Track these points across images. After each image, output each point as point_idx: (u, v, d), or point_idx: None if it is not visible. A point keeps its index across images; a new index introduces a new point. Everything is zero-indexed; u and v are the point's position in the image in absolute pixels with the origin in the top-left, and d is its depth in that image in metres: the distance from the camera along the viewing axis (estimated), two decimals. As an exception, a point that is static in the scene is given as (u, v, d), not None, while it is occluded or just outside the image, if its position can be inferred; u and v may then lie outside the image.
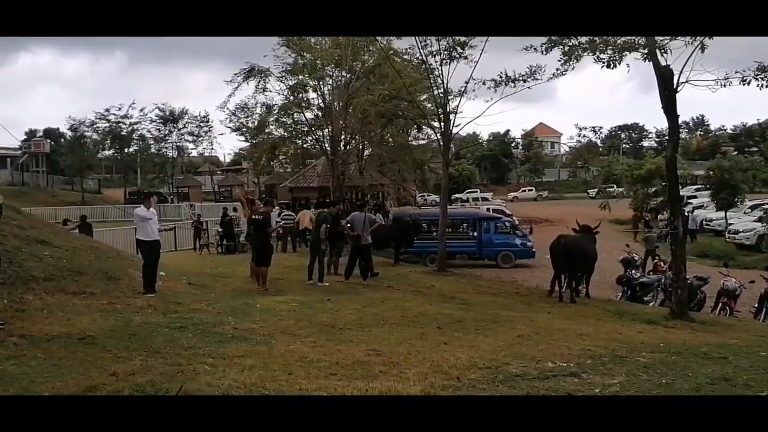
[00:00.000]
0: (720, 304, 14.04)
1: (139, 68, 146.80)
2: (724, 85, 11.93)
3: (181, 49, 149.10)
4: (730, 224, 31.62)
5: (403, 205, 35.72)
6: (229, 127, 39.79)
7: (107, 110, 61.45)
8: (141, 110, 62.32)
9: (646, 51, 11.94)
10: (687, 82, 11.77)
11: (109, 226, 28.09)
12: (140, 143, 66.28)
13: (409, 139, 31.63)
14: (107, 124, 62.15)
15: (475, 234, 24.78)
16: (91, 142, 64.68)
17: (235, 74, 25.84)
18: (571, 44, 13.21)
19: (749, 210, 33.25)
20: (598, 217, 22.37)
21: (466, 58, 18.50)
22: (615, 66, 12.49)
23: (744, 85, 11.81)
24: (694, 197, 42.53)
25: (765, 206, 28.28)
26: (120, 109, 61.44)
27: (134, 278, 11.70)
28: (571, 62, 13.69)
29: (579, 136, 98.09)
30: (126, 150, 65.95)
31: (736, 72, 11.91)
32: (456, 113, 19.28)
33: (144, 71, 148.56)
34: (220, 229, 23.97)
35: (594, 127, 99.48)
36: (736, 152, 55.38)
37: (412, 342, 8.05)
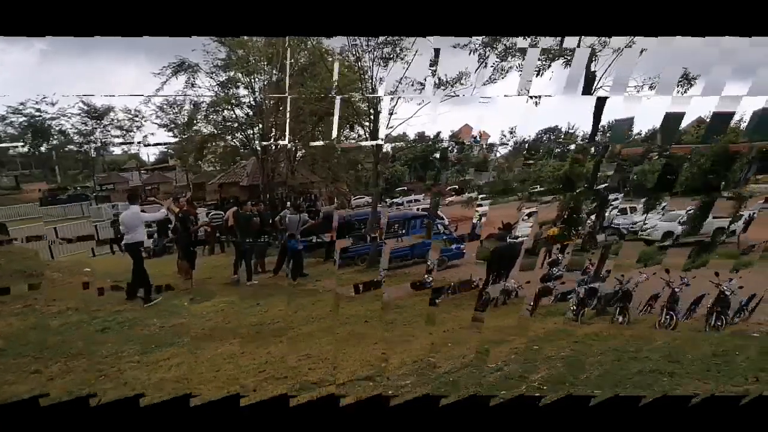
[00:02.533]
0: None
1: (60, 60, 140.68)
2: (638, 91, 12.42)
3: (106, 42, 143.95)
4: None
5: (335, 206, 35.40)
6: (156, 123, 38.48)
7: (23, 104, 58.78)
8: (53, 104, 59.54)
9: (572, 57, 12.22)
10: (603, 87, 12.19)
11: (27, 224, 26.89)
12: (61, 138, 63.68)
13: (343, 138, 31.42)
14: (24, 118, 59.47)
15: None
16: (7, 137, 61.79)
17: (164, 67, 25.10)
18: (505, 45, 13.38)
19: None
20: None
21: (403, 59, 18.50)
22: (541, 74, 12.74)
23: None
24: (616, 199, 44.12)
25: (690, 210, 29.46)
26: (37, 102, 58.80)
27: (53, 280, 11.21)
28: (499, 71, 13.83)
29: (507, 139, 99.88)
30: (45, 145, 63.25)
31: (650, 78, 12.42)
32: (391, 114, 19.30)
33: (65, 63, 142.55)
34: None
35: (510, 129, 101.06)
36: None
37: (342, 342, 8.04)
